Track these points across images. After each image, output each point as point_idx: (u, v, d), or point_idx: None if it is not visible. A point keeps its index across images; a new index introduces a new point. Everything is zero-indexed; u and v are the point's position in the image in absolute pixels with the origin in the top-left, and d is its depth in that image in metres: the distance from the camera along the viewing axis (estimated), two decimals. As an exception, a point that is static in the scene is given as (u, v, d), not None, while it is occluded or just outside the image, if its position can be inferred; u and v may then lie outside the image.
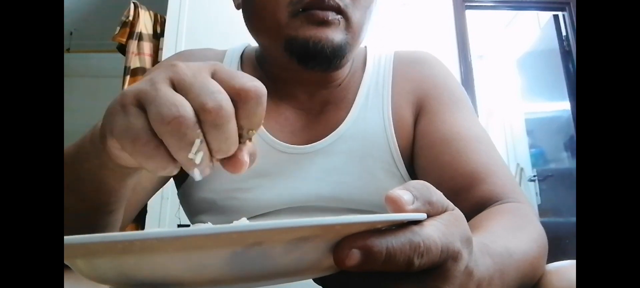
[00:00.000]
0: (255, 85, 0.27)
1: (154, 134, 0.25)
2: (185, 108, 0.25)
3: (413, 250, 0.23)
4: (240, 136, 0.27)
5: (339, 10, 0.53)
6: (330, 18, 0.52)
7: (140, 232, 0.19)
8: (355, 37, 0.56)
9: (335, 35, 0.53)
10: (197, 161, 0.25)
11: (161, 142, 0.26)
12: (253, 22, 0.58)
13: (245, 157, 0.27)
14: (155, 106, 0.25)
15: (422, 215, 0.24)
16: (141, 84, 0.27)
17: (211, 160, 0.26)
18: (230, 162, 0.27)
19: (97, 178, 0.36)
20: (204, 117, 0.25)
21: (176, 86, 0.26)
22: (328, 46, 0.53)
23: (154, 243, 0.20)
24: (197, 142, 0.25)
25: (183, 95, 0.26)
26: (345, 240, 0.22)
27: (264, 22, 0.56)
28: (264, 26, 0.57)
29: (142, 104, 0.26)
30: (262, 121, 0.27)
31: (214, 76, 0.27)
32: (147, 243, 0.20)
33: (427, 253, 0.23)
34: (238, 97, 0.26)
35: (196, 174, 0.26)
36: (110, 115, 0.27)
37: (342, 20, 0.54)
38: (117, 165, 0.32)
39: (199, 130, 0.25)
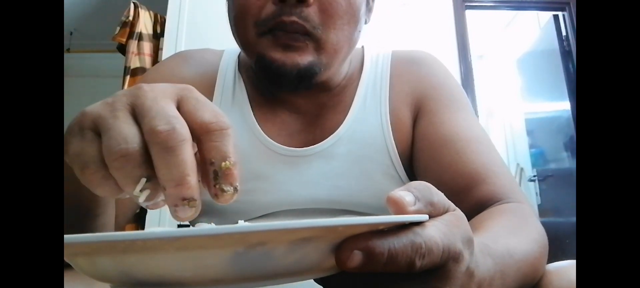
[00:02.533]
0: (218, 119, 0.26)
1: (103, 164, 0.25)
2: (134, 144, 0.24)
3: (415, 251, 0.23)
4: (216, 173, 0.26)
5: (305, 32, 0.51)
6: (295, 42, 0.51)
7: (142, 231, 0.19)
8: (331, 58, 0.54)
9: (303, 58, 0.51)
10: (141, 200, 0.25)
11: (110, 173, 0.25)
12: (234, 36, 0.59)
13: (225, 187, 0.26)
14: (108, 138, 0.25)
15: (424, 217, 0.24)
16: (103, 107, 0.26)
17: (159, 194, 0.25)
18: (212, 192, 0.26)
19: (75, 181, 0.36)
20: (154, 139, 0.24)
21: (135, 111, 0.26)
22: (293, 70, 0.51)
23: (155, 243, 0.20)
24: (143, 180, 0.24)
25: (140, 120, 0.25)
26: (347, 241, 0.22)
27: (238, 39, 0.57)
28: (239, 42, 0.57)
29: (98, 130, 0.26)
30: (232, 155, 0.26)
31: (179, 104, 0.27)
32: (149, 243, 0.20)
33: (428, 254, 0.23)
34: (200, 130, 0.26)
35: (144, 205, 0.26)
36: (68, 134, 0.27)
37: (310, 43, 0.52)
38: None
39: (145, 168, 0.24)
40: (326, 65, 0.54)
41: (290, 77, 0.52)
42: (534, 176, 3.49)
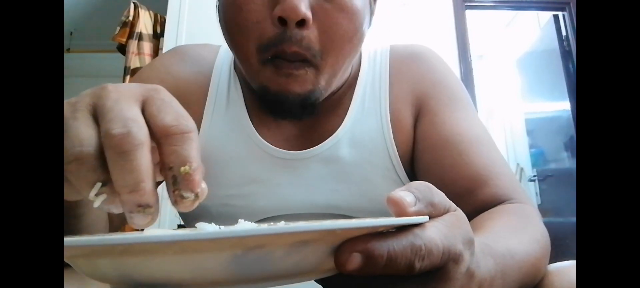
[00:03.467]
0: (180, 122, 0.25)
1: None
2: (89, 147, 0.24)
3: (414, 253, 0.23)
4: (175, 179, 0.24)
5: (304, 59, 0.50)
6: (296, 71, 0.50)
7: (140, 235, 0.19)
8: (330, 78, 0.53)
9: (303, 86, 0.50)
10: (96, 205, 0.24)
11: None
12: (231, 50, 0.56)
13: (185, 193, 0.25)
14: (66, 139, 0.24)
15: (424, 218, 0.24)
16: (65, 107, 0.26)
17: (117, 199, 0.24)
18: (173, 198, 0.25)
19: None
20: (108, 142, 0.23)
21: (96, 112, 0.25)
22: (296, 100, 0.51)
23: (154, 247, 0.20)
24: (98, 185, 0.24)
25: (99, 121, 0.24)
26: (347, 244, 0.22)
27: (239, 59, 0.54)
28: (242, 66, 0.55)
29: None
30: (195, 160, 0.25)
31: (144, 105, 0.26)
32: (147, 246, 0.20)
33: (428, 256, 0.23)
34: (160, 133, 0.25)
35: (102, 209, 0.25)
36: None
37: (309, 70, 0.50)
38: None
39: (100, 173, 0.24)
40: (325, 86, 0.53)
41: (293, 108, 0.51)
42: (534, 176, 3.49)
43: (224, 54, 0.65)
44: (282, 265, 0.21)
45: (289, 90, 0.50)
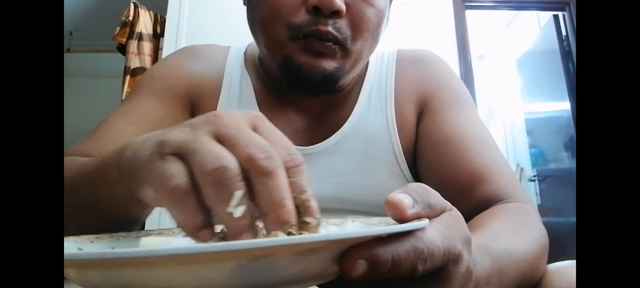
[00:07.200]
0: (293, 156, 0.25)
1: (193, 185, 0.24)
2: (229, 160, 0.23)
3: (417, 256, 0.23)
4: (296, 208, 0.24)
5: (336, 41, 0.52)
6: (326, 50, 0.52)
7: (137, 249, 0.19)
8: (353, 65, 0.56)
9: (329, 64, 0.53)
10: (237, 214, 0.23)
11: (198, 194, 0.24)
12: (254, 32, 0.58)
13: (308, 219, 0.25)
14: (198, 156, 0.24)
15: (425, 223, 0.24)
16: (184, 134, 0.25)
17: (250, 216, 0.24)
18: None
19: (121, 205, 0.34)
20: (254, 165, 0.23)
21: (221, 140, 0.25)
22: (320, 74, 0.53)
23: (154, 260, 0.19)
24: (237, 194, 0.23)
25: (230, 148, 0.24)
26: (352, 251, 0.22)
27: (264, 37, 0.56)
28: (264, 41, 0.57)
29: (183, 155, 0.24)
30: (310, 190, 0.25)
31: (254, 131, 0.26)
32: (147, 259, 0.19)
33: (430, 258, 0.23)
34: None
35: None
36: (148, 162, 0.25)
37: (339, 51, 0.53)
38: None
39: (241, 183, 0.23)
40: (348, 71, 0.55)
41: (316, 82, 0.53)
42: (534, 176, 3.49)
43: (235, 54, 0.67)
44: (286, 272, 0.21)
45: (314, 65, 0.53)
